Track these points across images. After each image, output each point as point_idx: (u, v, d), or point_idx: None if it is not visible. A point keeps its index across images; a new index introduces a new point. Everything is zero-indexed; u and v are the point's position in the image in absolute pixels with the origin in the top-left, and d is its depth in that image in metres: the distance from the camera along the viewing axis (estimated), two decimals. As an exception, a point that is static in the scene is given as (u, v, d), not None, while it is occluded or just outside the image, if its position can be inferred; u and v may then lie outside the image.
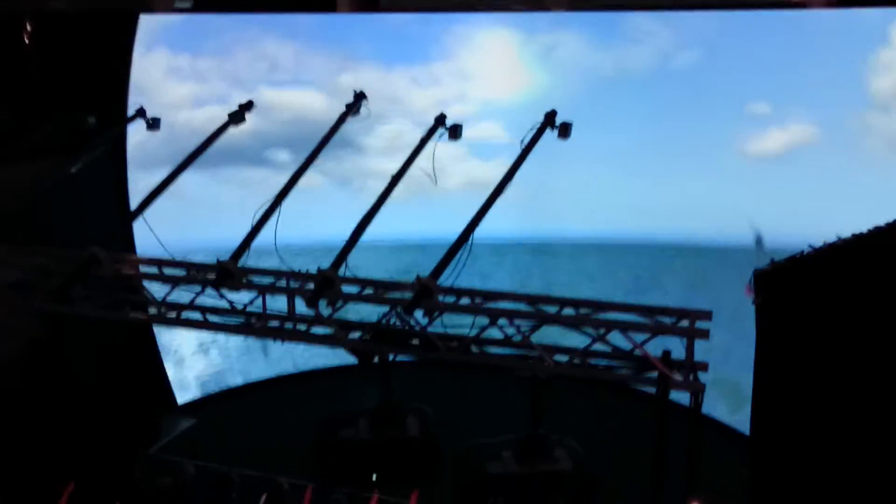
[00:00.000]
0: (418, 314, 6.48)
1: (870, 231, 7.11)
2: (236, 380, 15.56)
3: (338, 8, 11.95)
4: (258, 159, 13.39)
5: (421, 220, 12.15)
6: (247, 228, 6.94)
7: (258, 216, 6.96)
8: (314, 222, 11.26)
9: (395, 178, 7.21)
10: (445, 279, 6.22)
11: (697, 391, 5.70)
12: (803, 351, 6.43)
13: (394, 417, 6.59)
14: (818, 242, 7.37)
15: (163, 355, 15.40)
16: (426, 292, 6.07)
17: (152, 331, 15.03)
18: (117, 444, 13.02)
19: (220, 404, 16.52)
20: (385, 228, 7.19)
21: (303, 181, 7.48)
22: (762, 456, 7.07)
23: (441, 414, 6.85)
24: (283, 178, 7.46)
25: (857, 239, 7.17)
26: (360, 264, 6.75)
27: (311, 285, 6.58)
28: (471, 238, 6.43)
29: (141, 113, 8.93)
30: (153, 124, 8.90)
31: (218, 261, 6.55)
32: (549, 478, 5.89)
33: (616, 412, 10.04)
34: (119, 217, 12.64)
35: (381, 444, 6.47)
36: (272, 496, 11.48)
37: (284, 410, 16.06)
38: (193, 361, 15.58)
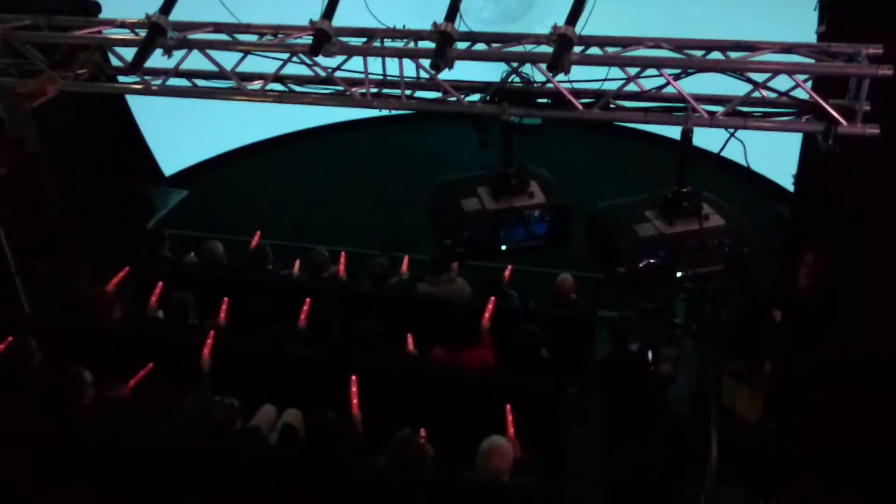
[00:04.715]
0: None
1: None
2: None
3: None
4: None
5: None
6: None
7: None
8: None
9: None
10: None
11: (871, 137, 5.33)
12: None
13: (516, 183, 6.12)
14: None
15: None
16: (567, 44, 5.34)
17: (125, 103, 13.90)
18: (115, 224, 12.39)
19: (214, 171, 15.87)
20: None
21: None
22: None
23: (558, 178, 6.40)
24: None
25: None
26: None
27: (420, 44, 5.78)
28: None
29: None
30: None
31: (311, 21, 5.58)
32: (705, 235, 5.62)
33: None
34: None
35: (509, 213, 6.04)
36: (307, 263, 11.22)
37: (276, 175, 15.50)
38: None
